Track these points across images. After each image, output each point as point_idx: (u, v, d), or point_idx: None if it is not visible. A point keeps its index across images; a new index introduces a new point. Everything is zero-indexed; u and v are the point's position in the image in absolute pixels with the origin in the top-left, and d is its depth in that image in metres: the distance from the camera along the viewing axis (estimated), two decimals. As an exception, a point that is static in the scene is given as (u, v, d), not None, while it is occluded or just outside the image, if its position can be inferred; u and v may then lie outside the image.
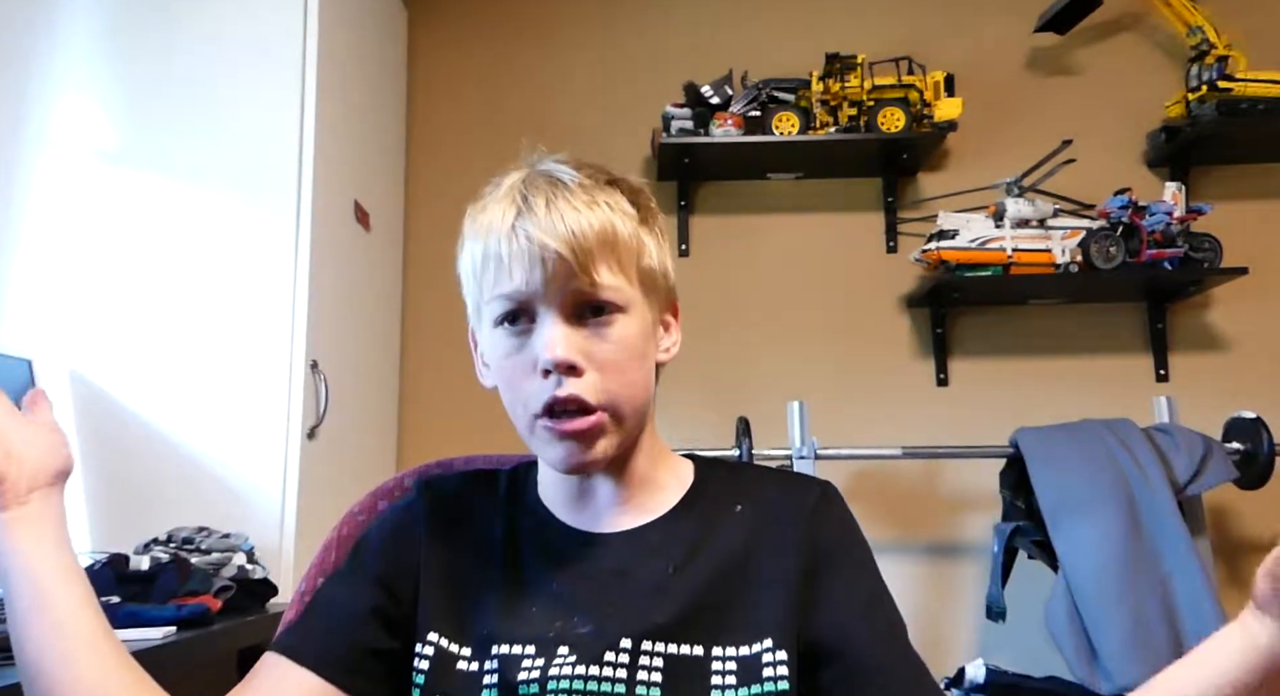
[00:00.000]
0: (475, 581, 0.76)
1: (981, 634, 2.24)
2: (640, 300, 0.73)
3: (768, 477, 0.81)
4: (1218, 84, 2.25)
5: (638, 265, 0.74)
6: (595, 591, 0.72)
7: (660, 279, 0.76)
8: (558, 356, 0.68)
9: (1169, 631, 1.76)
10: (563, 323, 0.70)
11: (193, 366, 1.74)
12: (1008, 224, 2.21)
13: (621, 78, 2.55)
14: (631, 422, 0.73)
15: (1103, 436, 1.95)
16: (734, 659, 0.69)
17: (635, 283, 0.73)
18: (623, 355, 0.71)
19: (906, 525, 2.33)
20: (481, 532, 0.79)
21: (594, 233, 0.70)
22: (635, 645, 0.69)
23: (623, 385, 0.71)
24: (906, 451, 2.06)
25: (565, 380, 0.69)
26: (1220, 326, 2.40)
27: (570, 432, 0.70)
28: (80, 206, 1.81)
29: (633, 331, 0.72)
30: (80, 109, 1.84)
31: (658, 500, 0.78)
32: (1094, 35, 2.49)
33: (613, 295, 0.71)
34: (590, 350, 0.70)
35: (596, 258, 0.70)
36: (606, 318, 0.71)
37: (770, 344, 2.42)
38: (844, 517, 0.78)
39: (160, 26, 1.86)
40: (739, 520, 0.76)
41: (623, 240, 0.72)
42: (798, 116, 2.29)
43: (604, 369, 0.70)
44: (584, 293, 0.70)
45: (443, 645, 0.73)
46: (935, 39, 2.49)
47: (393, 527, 0.80)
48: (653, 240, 0.76)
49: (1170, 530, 1.83)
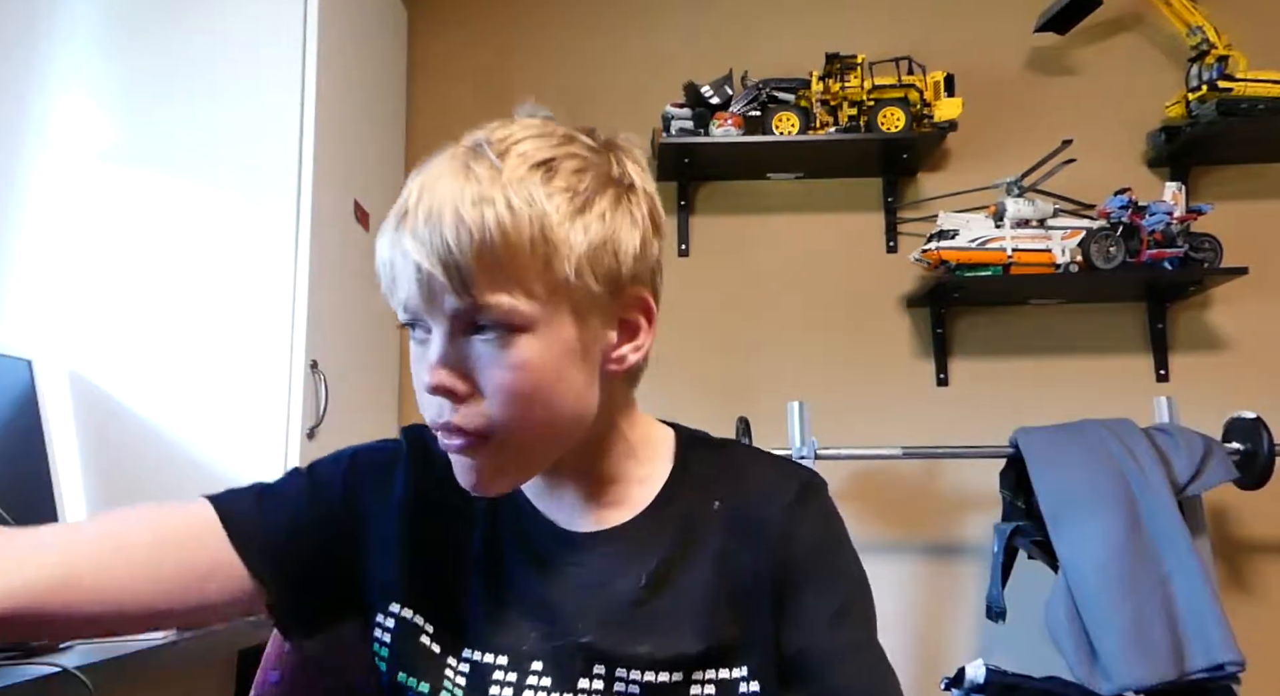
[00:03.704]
0: (450, 563, 0.72)
1: (981, 634, 2.24)
2: (554, 314, 0.63)
3: (750, 466, 0.75)
4: (1218, 84, 2.25)
5: (548, 275, 0.62)
6: (569, 602, 0.69)
7: (599, 282, 0.64)
8: (434, 381, 0.62)
9: (1169, 631, 1.76)
10: (451, 341, 0.62)
11: (193, 366, 1.74)
12: (1008, 224, 2.21)
13: (621, 78, 2.55)
14: (542, 448, 0.67)
15: (1103, 436, 1.95)
16: (713, 682, 0.67)
17: (545, 296, 0.62)
18: (519, 381, 0.62)
19: (906, 525, 2.33)
20: (462, 509, 0.73)
21: (473, 246, 0.59)
22: (609, 671, 0.67)
23: (519, 414, 0.63)
24: (906, 451, 2.06)
25: (447, 405, 0.63)
26: (1220, 326, 2.39)
27: (456, 451, 0.65)
28: (80, 206, 1.81)
29: (539, 353, 0.62)
30: (80, 108, 1.84)
31: (633, 494, 0.73)
32: (1094, 35, 2.49)
33: (505, 316, 0.61)
34: (479, 372, 0.62)
35: (479, 274, 0.60)
36: (501, 340, 0.61)
37: (770, 344, 2.42)
38: (822, 518, 0.73)
39: (160, 26, 1.86)
40: (716, 521, 0.72)
41: (520, 248, 0.60)
42: (798, 116, 2.29)
43: (497, 395, 0.62)
44: (469, 314, 0.61)
45: (405, 616, 0.70)
46: (935, 39, 2.48)
47: (369, 462, 0.76)
48: (591, 234, 0.64)
49: (1170, 530, 1.83)
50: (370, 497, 0.74)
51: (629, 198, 0.67)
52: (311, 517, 0.72)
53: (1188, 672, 1.74)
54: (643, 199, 0.68)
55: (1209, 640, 1.75)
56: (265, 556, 0.69)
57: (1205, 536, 1.97)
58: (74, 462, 1.69)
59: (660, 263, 0.71)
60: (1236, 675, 1.76)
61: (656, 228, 0.69)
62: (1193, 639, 1.76)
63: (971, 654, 2.15)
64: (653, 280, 0.70)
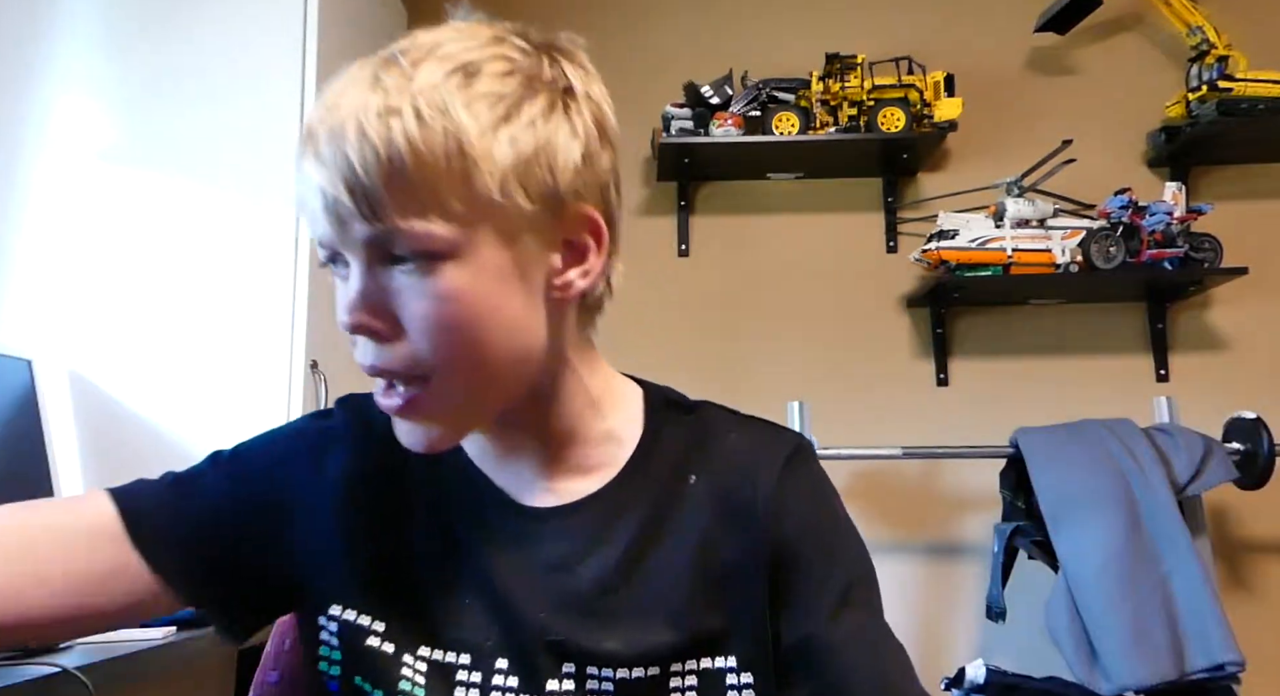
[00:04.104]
0: (396, 550, 0.65)
1: (981, 634, 2.24)
2: (479, 236, 0.56)
3: (729, 433, 0.68)
4: (1218, 84, 2.25)
5: (468, 193, 0.55)
6: (530, 590, 0.62)
7: (530, 198, 0.57)
8: (347, 320, 0.57)
9: (1169, 631, 1.76)
10: (368, 274, 0.56)
11: (193, 366, 1.74)
12: (1008, 224, 2.21)
13: (621, 78, 2.53)
14: (486, 390, 0.59)
15: (1103, 436, 1.96)
16: (694, 673, 0.62)
17: (467, 216, 0.55)
18: (445, 313, 0.55)
19: (906, 525, 2.33)
20: (407, 487, 0.66)
21: (379, 165, 0.53)
22: (580, 669, 0.61)
23: (451, 351, 0.56)
24: (906, 451, 2.06)
25: (371, 346, 0.57)
26: (1220, 326, 2.39)
27: (394, 412, 0.59)
28: (80, 206, 1.81)
29: (468, 280, 0.55)
30: (80, 108, 1.84)
31: (598, 460, 0.66)
32: (1094, 35, 2.49)
33: (421, 242, 0.54)
34: (406, 308, 0.56)
35: (387, 197, 0.53)
36: (421, 268, 0.55)
37: (770, 344, 2.42)
38: (813, 489, 0.67)
39: (160, 26, 1.86)
40: (693, 498, 0.65)
41: (433, 166, 0.53)
42: (798, 116, 2.29)
43: (425, 331, 0.56)
44: (382, 241, 0.55)
45: (349, 619, 0.63)
46: (935, 39, 2.48)
47: (300, 443, 0.68)
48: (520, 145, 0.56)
49: (1170, 530, 1.83)
50: (302, 484, 0.66)
51: (566, 103, 0.59)
52: (231, 509, 0.65)
53: (1188, 672, 1.74)
54: (584, 105, 0.60)
55: (1209, 640, 1.75)
56: (172, 555, 0.62)
57: (1205, 536, 1.97)
58: (74, 463, 1.69)
59: (615, 178, 0.63)
60: (1236, 675, 1.76)
61: (604, 138, 0.61)
62: (1193, 639, 1.76)
63: (971, 654, 2.15)
64: (603, 197, 0.61)
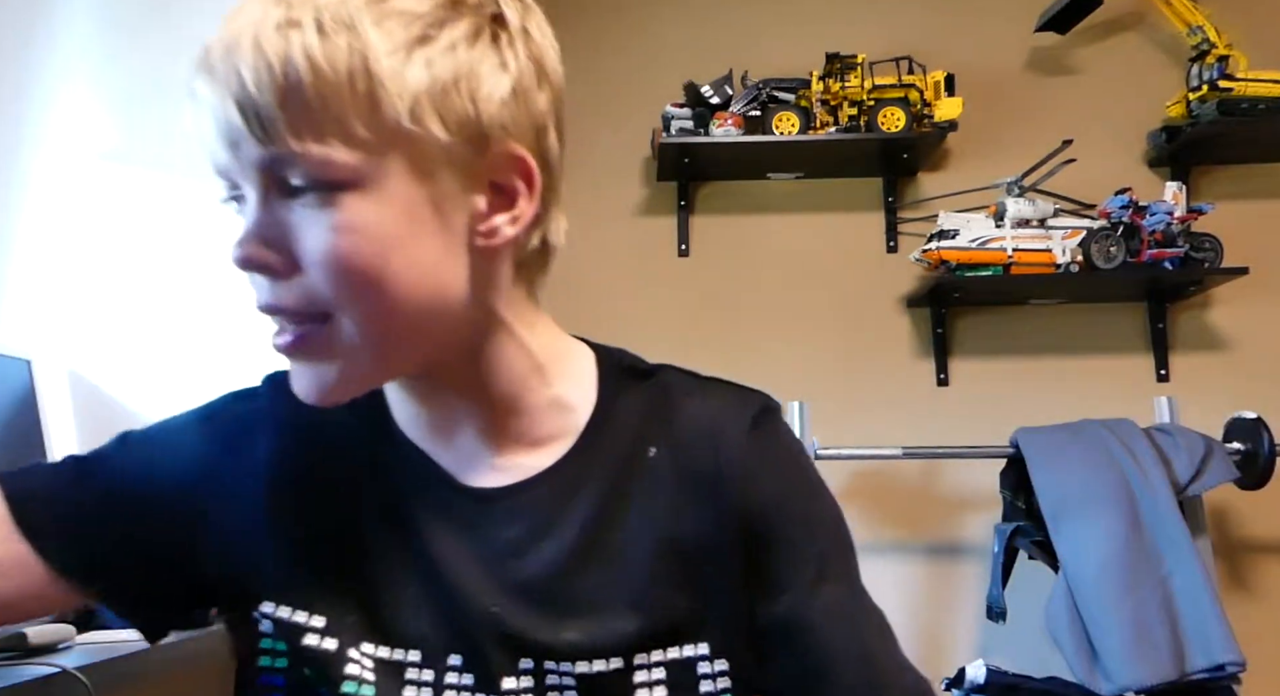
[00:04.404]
0: (331, 537, 0.60)
1: (981, 634, 2.24)
2: (389, 167, 0.51)
3: (689, 398, 0.63)
4: (1218, 84, 2.25)
5: (374, 118, 0.50)
6: (480, 578, 0.58)
7: (447, 129, 0.52)
8: (235, 254, 0.53)
9: (1169, 631, 1.76)
10: (264, 206, 0.53)
11: (193, 367, 1.74)
12: (1008, 224, 2.21)
13: (621, 78, 2.55)
14: (391, 342, 0.54)
15: (1103, 437, 1.95)
16: (661, 665, 0.57)
17: (376, 143, 0.51)
18: (344, 248, 0.51)
19: (906, 525, 2.33)
20: (341, 468, 0.61)
21: (273, 81, 0.49)
22: (538, 664, 0.57)
23: (349, 290, 0.52)
24: (906, 451, 2.06)
25: (265, 283, 0.54)
26: (1221, 326, 2.39)
27: (290, 350, 0.54)
28: (80, 206, 1.81)
29: (366, 215, 0.51)
30: (80, 108, 1.84)
31: (547, 431, 0.61)
32: (1094, 35, 2.49)
33: (319, 169, 0.50)
34: (298, 242, 0.52)
35: (281, 117, 0.49)
36: (321, 198, 0.51)
37: (770, 344, 2.42)
38: (784, 455, 0.63)
39: (161, 26, 1.86)
40: (653, 472, 0.60)
41: (334, 85, 0.49)
42: (798, 116, 2.29)
43: (316, 266, 0.51)
44: (277, 168, 0.51)
45: (282, 616, 0.59)
46: (935, 39, 2.48)
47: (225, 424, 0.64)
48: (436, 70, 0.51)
49: (1171, 530, 1.83)
50: (222, 471, 0.62)
51: (495, 33, 0.55)
52: (136, 496, 0.61)
53: (1188, 673, 1.74)
54: (519, 39, 0.56)
55: (1209, 640, 1.75)
56: (65, 544, 0.58)
57: (1206, 536, 1.97)
58: (74, 463, 1.69)
59: (556, 122, 0.59)
60: (1237, 675, 1.76)
61: (542, 76, 0.58)
62: (1193, 639, 1.76)
63: (971, 654, 2.15)
64: (538, 139, 0.57)
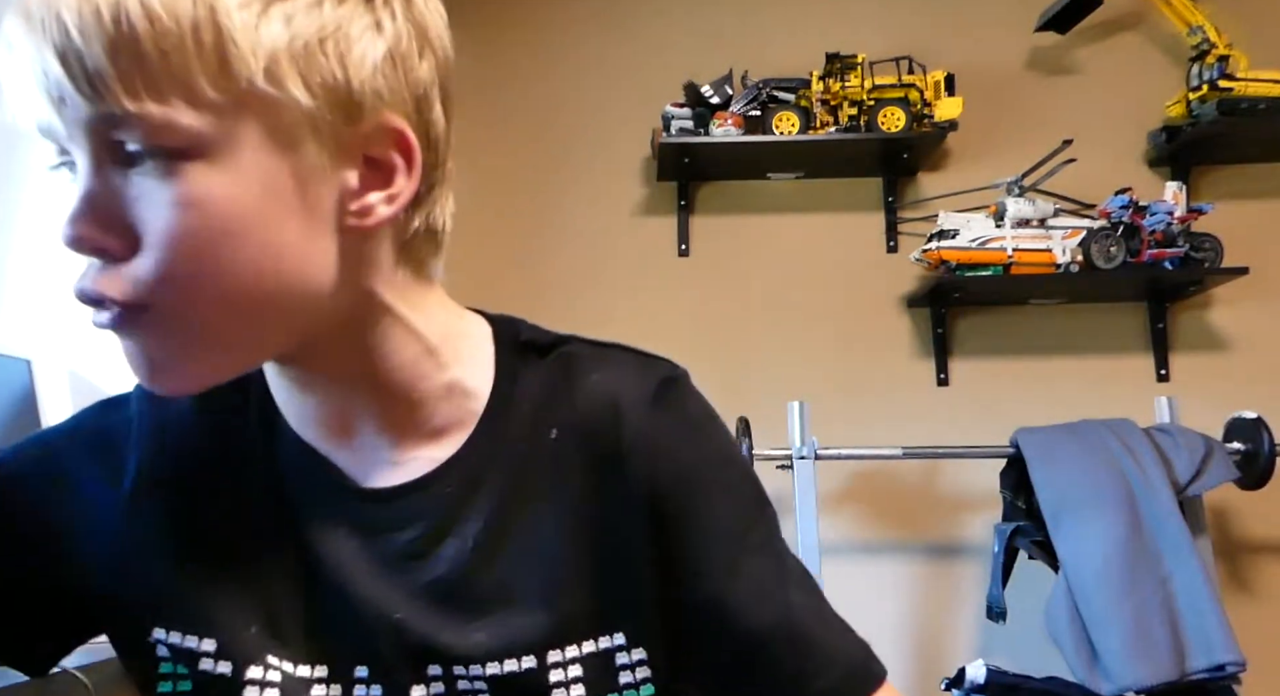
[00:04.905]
0: (222, 550, 0.55)
1: (981, 634, 2.24)
2: (241, 134, 0.45)
3: (590, 373, 0.58)
4: (1218, 83, 2.25)
5: (223, 77, 0.43)
6: (387, 585, 0.54)
7: (310, 93, 0.46)
8: (65, 233, 0.45)
9: (1169, 631, 1.76)
10: (96, 177, 0.45)
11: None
12: (1008, 224, 2.21)
13: (621, 78, 2.55)
14: (242, 333, 0.48)
15: (1103, 436, 1.95)
16: (577, 661, 0.54)
17: (227, 106, 0.44)
18: (187, 226, 0.44)
19: (906, 525, 2.33)
20: (233, 478, 0.57)
21: (101, 28, 0.41)
22: (447, 670, 0.54)
23: (187, 275, 0.45)
24: (906, 451, 2.06)
25: (96, 265, 0.46)
26: (1221, 326, 2.39)
27: (108, 327, 0.48)
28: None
29: (214, 188, 0.44)
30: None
31: (445, 419, 0.56)
32: (1094, 35, 2.49)
33: (156, 134, 0.43)
34: (138, 220, 0.45)
35: (112, 71, 0.42)
36: (160, 168, 0.44)
37: (770, 344, 2.42)
38: (691, 424, 0.59)
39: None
40: (557, 455, 0.56)
41: (175, 35, 0.42)
42: (798, 116, 2.29)
43: (154, 247, 0.45)
44: (107, 131, 0.44)
45: (174, 642, 0.55)
46: (935, 39, 2.48)
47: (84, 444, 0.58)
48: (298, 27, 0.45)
49: (1171, 530, 1.83)
50: (84, 493, 0.57)
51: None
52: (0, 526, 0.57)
53: (1188, 673, 1.74)
54: (400, 6, 0.50)
55: (1210, 640, 1.75)
56: None
57: (1206, 536, 1.97)
58: (74, 463, 1.69)
59: (442, 95, 0.54)
60: (1237, 675, 1.76)
61: (425, 43, 0.53)
62: (1193, 639, 1.76)
63: (971, 654, 2.15)
64: (419, 110, 0.52)
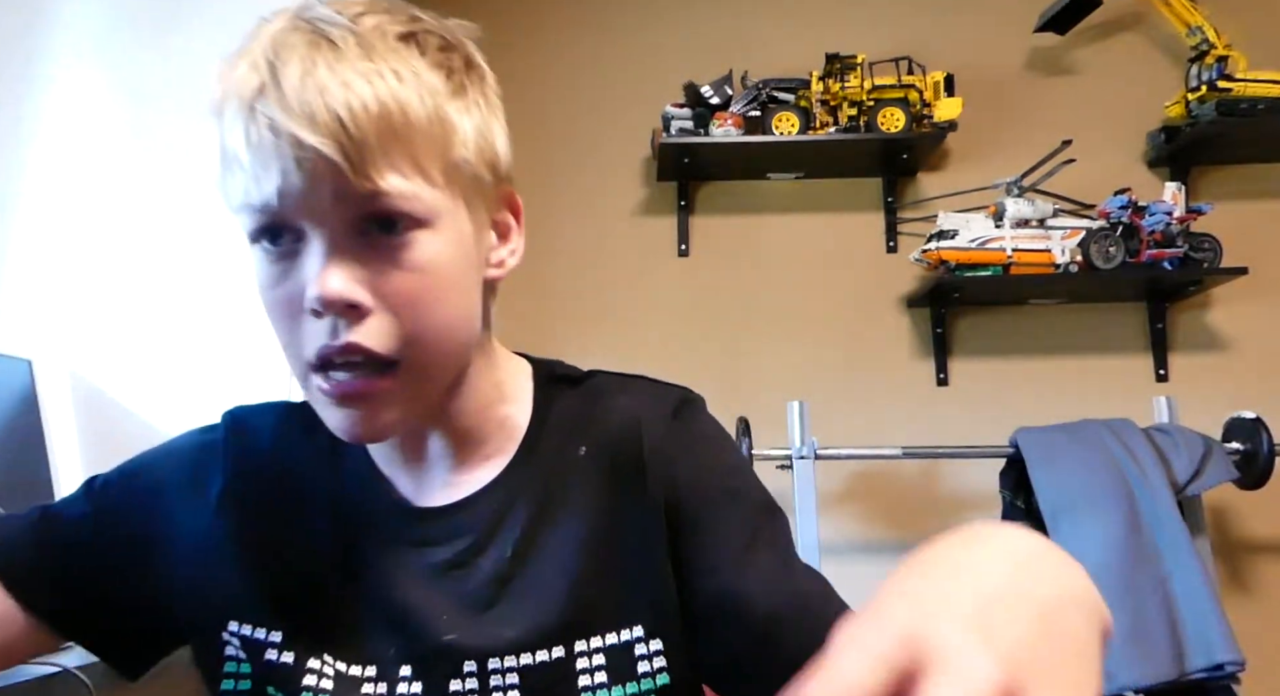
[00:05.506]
0: (292, 560, 0.62)
1: (981, 634, 2.24)
2: (452, 206, 0.54)
3: (614, 397, 0.66)
4: (1218, 84, 2.25)
5: (445, 158, 0.54)
6: (433, 594, 0.60)
7: (486, 170, 0.57)
8: (328, 292, 0.50)
9: (1168, 631, 1.76)
10: (338, 245, 0.52)
11: (194, 367, 1.74)
12: (1008, 224, 2.21)
13: (621, 78, 2.55)
14: (441, 376, 0.57)
15: (1103, 436, 1.95)
16: (600, 651, 0.59)
17: (444, 183, 0.54)
18: (428, 286, 0.53)
19: (906, 525, 2.33)
20: (298, 495, 0.64)
21: (373, 116, 0.50)
22: (482, 666, 0.59)
23: (429, 327, 0.53)
24: (906, 451, 2.06)
25: (342, 324, 0.52)
26: (1220, 326, 2.39)
27: (350, 396, 0.53)
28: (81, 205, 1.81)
29: (442, 252, 0.53)
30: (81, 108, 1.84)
31: (495, 447, 0.64)
32: (1094, 35, 2.49)
33: (408, 205, 0.52)
34: (380, 282, 0.52)
35: (379, 153, 0.50)
36: (401, 237, 0.52)
37: (770, 344, 2.42)
38: (704, 439, 0.65)
39: (162, 26, 1.86)
40: (584, 469, 0.63)
41: (420, 125, 0.52)
42: (798, 116, 2.29)
43: (401, 307, 0.52)
44: (364, 204, 0.51)
45: (246, 633, 0.61)
46: (935, 39, 2.48)
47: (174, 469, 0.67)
48: (473, 118, 0.56)
49: (1170, 530, 1.83)
50: (177, 508, 0.65)
51: (487, 83, 0.60)
52: (94, 543, 0.64)
53: (1187, 672, 1.74)
54: (493, 87, 0.61)
55: (1209, 640, 1.75)
56: (43, 593, 0.61)
57: (1205, 536, 1.97)
58: (74, 463, 1.69)
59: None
60: (1236, 675, 1.76)
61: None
62: (1192, 638, 1.76)
63: (971, 654, 2.15)
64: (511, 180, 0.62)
